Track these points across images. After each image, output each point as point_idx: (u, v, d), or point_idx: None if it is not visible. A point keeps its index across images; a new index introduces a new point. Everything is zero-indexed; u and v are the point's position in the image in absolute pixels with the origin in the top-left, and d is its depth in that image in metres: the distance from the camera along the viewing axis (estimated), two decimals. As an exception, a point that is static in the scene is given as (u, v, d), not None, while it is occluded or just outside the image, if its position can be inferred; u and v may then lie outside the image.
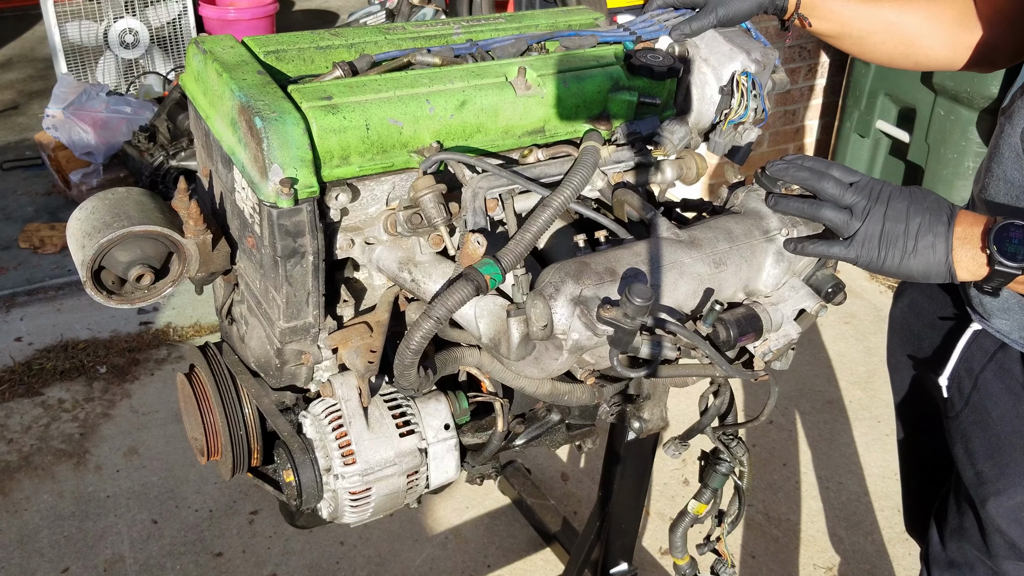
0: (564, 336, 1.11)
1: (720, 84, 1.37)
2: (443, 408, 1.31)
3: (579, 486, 2.81)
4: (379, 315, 1.28)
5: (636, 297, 1.02)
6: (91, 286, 1.19)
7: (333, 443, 1.25)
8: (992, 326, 1.40)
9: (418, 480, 1.31)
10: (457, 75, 1.26)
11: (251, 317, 1.32)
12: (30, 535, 2.54)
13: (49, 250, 3.87)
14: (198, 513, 2.64)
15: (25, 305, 3.52)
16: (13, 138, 4.91)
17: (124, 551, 2.51)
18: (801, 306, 1.24)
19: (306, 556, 2.52)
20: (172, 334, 3.37)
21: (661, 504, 2.75)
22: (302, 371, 1.28)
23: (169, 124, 3.88)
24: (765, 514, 2.73)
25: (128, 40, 4.89)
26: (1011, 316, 1.36)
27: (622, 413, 1.56)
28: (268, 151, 1.09)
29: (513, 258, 1.13)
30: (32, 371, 3.14)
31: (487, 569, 2.52)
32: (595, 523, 2.06)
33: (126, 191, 1.25)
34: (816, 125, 4.35)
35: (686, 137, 1.35)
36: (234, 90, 1.15)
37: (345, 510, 1.28)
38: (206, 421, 1.33)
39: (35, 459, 2.79)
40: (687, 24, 1.37)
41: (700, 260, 1.18)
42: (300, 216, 1.12)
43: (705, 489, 1.57)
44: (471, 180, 1.21)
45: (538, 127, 1.30)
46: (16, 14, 6.60)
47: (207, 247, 1.24)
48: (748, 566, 2.56)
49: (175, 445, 2.86)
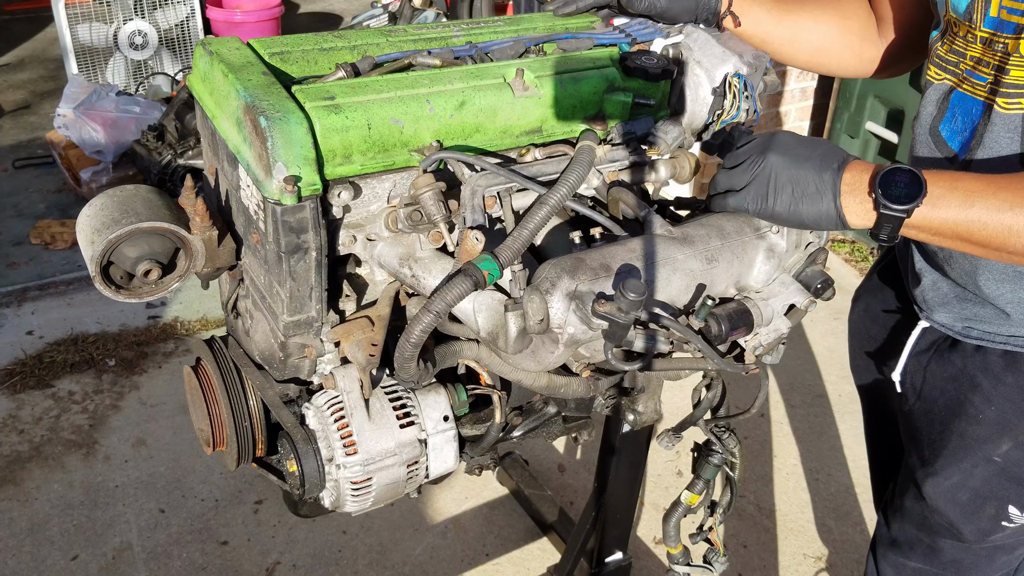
0: (560, 330, 1.11)
1: (713, 86, 1.37)
2: (442, 400, 1.31)
3: (575, 477, 2.82)
4: (380, 309, 1.28)
5: (630, 292, 1.02)
6: (100, 281, 1.19)
7: (335, 434, 1.25)
8: (935, 320, 1.40)
9: (418, 470, 1.31)
10: (457, 76, 1.26)
11: (256, 311, 1.32)
12: (41, 523, 2.54)
13: (60, 246, 3.87)
14: (204, 502, 2.64)
15: (36, 299, 3.52)
16: (25, 137, 4.91)
17: (132, 539, 2.51)
18: (791, 301, 1.24)
19: (309, 544, 2.52)
20: (179, 328, 3.37)
21: (655, 495, 2.76)
22: (305, 364, 1.28)
23: (177, 123, 3.88)
24: (756, 505, 2.73)
25: (137, 42, 4.88)
26: (950, 309, 1.38)
27: (617, 406, 1.57)
28: (272, 150, 1.09)
29: (511, 254, 1.13)
30: (43, 364, 3.14)
31: (486, 558, 2.52)
32: (591, 513, 2.07)
33: (134, 188, 1.25)
34: (807, 126, 4.35)
35: (680, 137, 1.35)
36: (239, 90, 1.15)
37: (347, 499, 1.28)
38: (212, 413, 1.33)
39: (46, 449, 2.79)
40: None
41: (693, 256, 1.19)
42: (303, 213, 1.12)
43: (698, 480, 1.57)
44: (470, 178, 1.21)
45: (535, 127, 1.30)
46: (28, 16, 6.59)
47: (213, 243, 1.24)
48: (740, 555, 2.56)
49: (182, 436, 2.86)
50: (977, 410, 1.37)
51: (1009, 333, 1.32)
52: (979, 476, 1.39)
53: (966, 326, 1.36)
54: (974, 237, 1.12)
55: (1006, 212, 1.08)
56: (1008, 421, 1.34)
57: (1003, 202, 1.08)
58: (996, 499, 1.39)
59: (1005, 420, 1.34)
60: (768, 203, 1.17)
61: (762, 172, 1.17)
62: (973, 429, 1.38)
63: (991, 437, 1.36)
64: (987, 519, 1.42)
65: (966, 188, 1.10)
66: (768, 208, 1.17)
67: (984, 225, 1.10)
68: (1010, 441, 1.35)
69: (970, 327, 1.36)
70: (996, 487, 1.39)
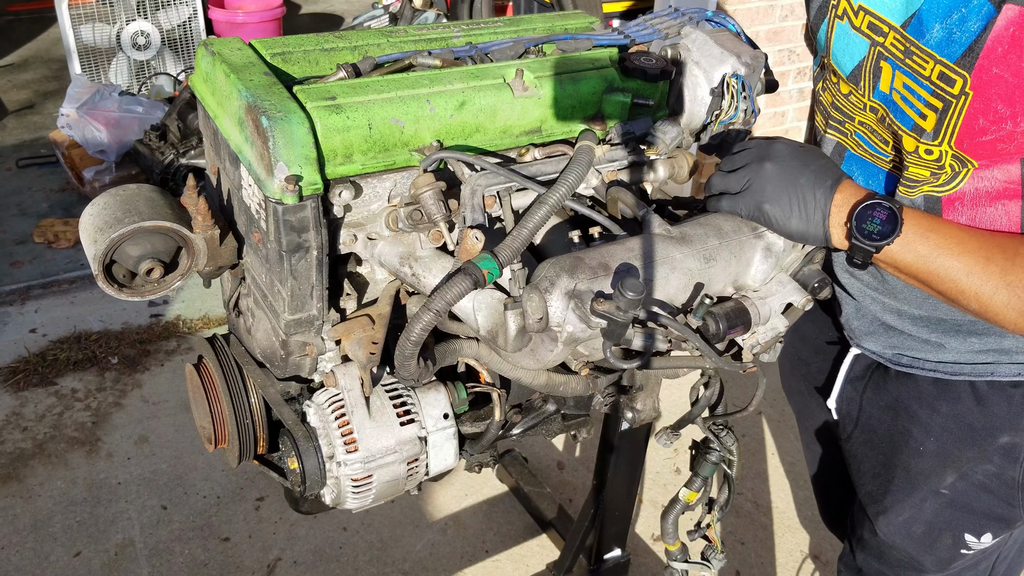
0: (559, 328, 1.11)
1: (711, 86, 1.36)
2: (442, 398, 1.31)
3: (574, 474, 2.82)
4: (381, 308, 1.28)
5: (628, 291, 1.02)
6: (103, 279, 1.19)
7: (336, 431, 1.25)
8: (865, 347, 1.40)
9: (418, 467, 1.31)
10: (457, 77, 1.26)
11: (257, 310, 1.32)
12: (44, 520, 2.54)
13: (63, 245, 3.87)
14: (206, 499, 2.64)
15: (40, 298, 3.52)
16: (29, 136, 4.91)
17: (134, 536, 2.51)
18: (788, 300, 1.24)
19: (310, 541, 2.52)
20: (181, 326, 3.37)
21: (653, 492, 2.76)
22: (306, 362, 1.28)
23: (179, 123, 3.88)
24: (754, 502, 2.73)
25: (140, 42, 4.88)
26: (878, 338, 1.37)
27: (616, 403, 1.57)
28: (274, 149, 1.09)
29: (510, 253, 1.13)
30: (46, 361, 3.14)
31: (485, 554, 2.53)
32: (590, 510, 2.07)
33: (137, 188, 1.25)
34: (804, 126, 4.35)
35: (678, 137, 1.35)
36: (241, 90, 1.15)
37: (347, 496, 1.28)
38: (214, 410, 1.33)
39: (49, 447, 2.79)
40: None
41: (691, 256, 1.19)
42: (305, 212, 1.12)
43: (696, 478, 1.57)
44: (470, 178, 1.21)
45: (535, 127, 1.30)
46: (32, 17, 6.59)
47: (215, 242, 1.24)
48: (737, 552, 2.56)
49: (184, 433, 2.86)
50: (918, 442, 1.36)
51: (937, 359, 1.31)
52: (929, 510, 1.38)
53: (896, 353, 1.36)
54: (932, 286, 1.14)
55: (963, 276, 1.10)
56: (949, 452, 1.33)
57: (964, 265, 1.09)
58: (951, 529, 1.38)
59: (946, 452, 1.33)
60: (760, 213, 1.18)
61: (757, 180, 1.17)
62: (916, 462, 1.37)
63: (935, 470, 1.35)
64: (945, 549, 1.40)
65: (936, 240, 1.11)
66: (759, 218, 1.18)
67: (941, 280, 1.11)
68: (954, 473, 1.34)
69: (900, 354, 1.35)
70: (949, 518, 1.37)
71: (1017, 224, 1.13)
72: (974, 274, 1.09)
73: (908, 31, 1.08)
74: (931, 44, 1.05)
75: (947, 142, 1.07)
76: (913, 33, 1.07)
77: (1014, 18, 0.97)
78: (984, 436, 1.30)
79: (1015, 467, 1.31)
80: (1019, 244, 1.10)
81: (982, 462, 1.32)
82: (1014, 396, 1.28)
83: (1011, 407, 1.28)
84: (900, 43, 1.09)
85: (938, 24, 1.04)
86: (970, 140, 1.05)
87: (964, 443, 1.31)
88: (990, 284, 1.08)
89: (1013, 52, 0.98)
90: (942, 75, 1.04)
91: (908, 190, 1.18)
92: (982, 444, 1.30)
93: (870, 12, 1.12)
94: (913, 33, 1.07)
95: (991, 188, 1.12)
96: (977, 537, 1.37)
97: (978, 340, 1.27)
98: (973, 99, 1.02)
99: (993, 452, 1.30)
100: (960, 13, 1.02)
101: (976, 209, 1.14)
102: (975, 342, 1.27)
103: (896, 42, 1.09)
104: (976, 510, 1.35)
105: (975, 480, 1.33)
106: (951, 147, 1.08)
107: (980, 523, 1.36)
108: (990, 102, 1.01)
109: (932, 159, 1.11)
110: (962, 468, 1.33)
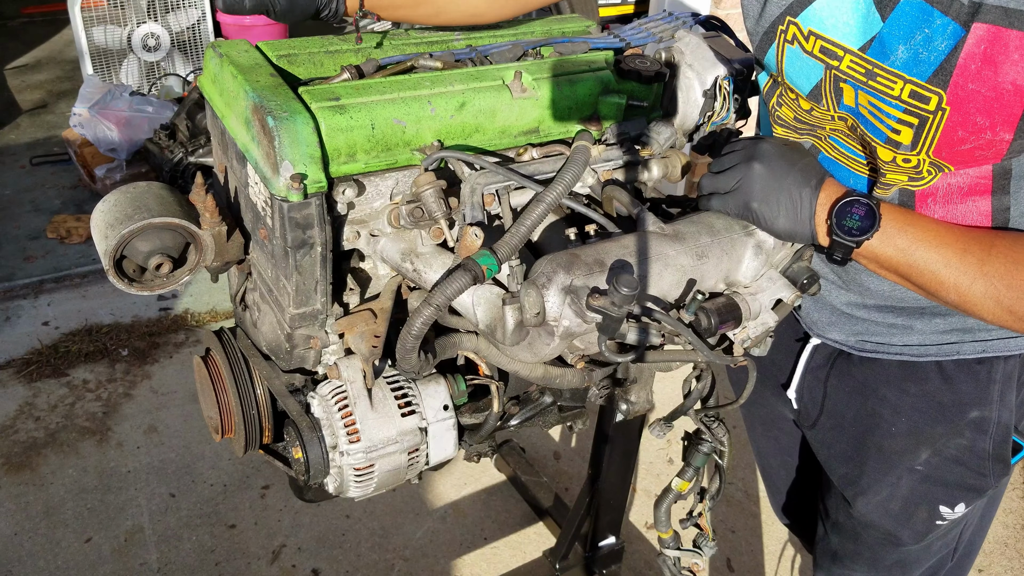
0: (556, 323, 1.11)
1: (704, 88, 1.36)
2: (442, 390, 1.31)
3: (570, 464, 2.82)
4: (383, 302, 1.28)
5: (623, 287, 1.02)
6: (113, 274, 1.18)
7: (339, 422, 1.25)
8: (828, 337, 1.40)
9: (418, 457, 1.31)
10: (457, 78, 1.25)
11: (263, 304, 1.32)
12: (55, 507, 2.54)
13: (75, 240, 3.87)
14: (213, 487, 2.64)
15: (52, 292, 3.51)
16: (42, 135, 4.90)
17: (144, 522, 2.51)
18: (778, 296, 1.24)
19: (314, 528, 2.52)
20: (189, 319, 3.37)
21: (647, 481, 2.76)
22: (310, 354, 1.28)
23: (188, 123, 3.87)
24: (744, 492, 2.73)
25: (150, 44, 4.87)
26: (842, 328, 1.37)
27: (611, 396, 1.57)
28: (280, 148, 1.09)
29: (508, 250, 1.13)
30: (58, 353, 3.14)
31: (484, 541, 2.53)
32: (585, 499, 2.07)
33: (147, 185, 1.24)
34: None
35: (671, 137, 1.35)
36: (248, 91, 1.15)
37: (350, 485, 1.28)
38: (221, 401, 1.33)
39: (61, 436, 2.79)
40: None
41: (684, 252, 1.18)
42: (309, 209, 1.12)
43: (688, 468, 1.57)
44: (470, 177, 1.21)
45: (533, 127, 1.30)
46: (46, 19, 6.58)
47: (222, 238, 1.24)
48: (728, 540, 2.56)
49: (192, 423, 2.86)
50: (889, 423, 1.36)
51: (903, 343, 1.32)
52: (905, 486, 1.39)
53: (860, 340, 1.36)
54: (912, 279, 1.14)
55: (942, 267, 1.10)
56: (921, 431, 1.34)
57: (943, 257, 1.09)
58: (927, 503, 1.39)
59: (918, 430, 1.34)
60: (749, 212, 1.18)
61: (745, 181, 1.17)
62: (889, 443, 1.37)
63: (909, 448, 1.36)
64: (921, 522, 1.41)
65: (915, 234, 1.11)
66: (748, 216, 1.18)
67: (921, 273, 1.11)
68: (928, 449, 1.35)
69: (863, 340, 1.35)
70: (924, 492, 1.39)
71: (988, 219, 1.14)
72: (952, 265, 1.09)
73: (869, 54, 1.07)
74: (897, 65, 1.04)
75: (925, 152, 1.07)
76: (875, 55, 1.06)
77: (984, 36, 0.97)
78: (954, 412, 1.32)
79: (985, 439, 1.32)
80: (994, 236, 1.10)
81: (954, 437, 1.33)
82: (979, 372, 1.30)
83: (978, 383, 1.30)
84: (859, 65, 1.08)
85: (902, 45, 1.03)
86: (949, 149, 1.05)
87: (935, 421, 1.33)
88: (968, 275, 1.08)
89: (987, 68, 0.98)
90: (914, 93, 1.03)
91: (884, 190, 1.19)
92: (953, 420, 1.32)
93: (821, 36, 1.11)
94: (875, 55, 1.06)
95: (963, 184, 1.13)
96: (951, 508, 1.39)
97: (943, 320, 1.28)
98: (951, 114, 1.02)
99: (964, 427, 1.32)
100: (924, 34, 1.01)
101: (948, 206, 1.15)
102: (940, 323, 1.28)
103: (855, 65, 1.08)
104: (950, 483, 1.37)
105: (948, 455, 1.35)
106: (929, 156, 1.08)
107: (953, 495, 1.38)
108: (969, 115, 1.01)
109: (910, 167, 1.12)
110: (935, 444, 1.34)
